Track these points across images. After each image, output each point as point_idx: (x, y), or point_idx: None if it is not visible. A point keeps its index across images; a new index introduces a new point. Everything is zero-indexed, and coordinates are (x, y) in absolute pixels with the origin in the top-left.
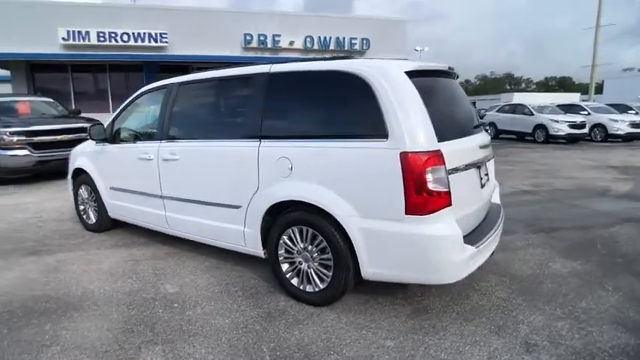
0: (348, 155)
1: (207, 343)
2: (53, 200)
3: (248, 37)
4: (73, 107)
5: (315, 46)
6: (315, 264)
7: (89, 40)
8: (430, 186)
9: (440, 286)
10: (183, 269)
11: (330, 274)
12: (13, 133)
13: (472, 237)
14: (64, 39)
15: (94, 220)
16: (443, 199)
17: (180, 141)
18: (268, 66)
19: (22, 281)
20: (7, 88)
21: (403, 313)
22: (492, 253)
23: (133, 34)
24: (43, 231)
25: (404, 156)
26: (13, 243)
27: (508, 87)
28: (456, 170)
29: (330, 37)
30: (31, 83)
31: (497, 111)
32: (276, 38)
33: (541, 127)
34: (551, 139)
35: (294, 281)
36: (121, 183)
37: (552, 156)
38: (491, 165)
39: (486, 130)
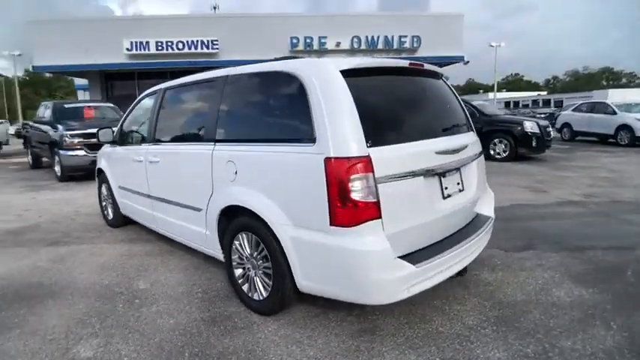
0: (281, 160)
1: (140, 342)
2: (95, 197)
3: (294, 40)
4: None
5: (363, 46)
6: (260, 272)
7: (149, 50)
8: (354, 195)
9: (396, 305)
10: (165, 267)
11: (271, 283)
12: (73, 136)
13: (419, 254)
14: (127, 49)
15: (111, 216)
16: (370, 211)
17: (161, 144)
18: (228, 69)
19: (29, 269)
20: (86, 95)
21: (347, 331)
22: (461, 273)
23: (187, 42)
24: (74, 224)
25: (328, 162)
26: (44, 233)
27: (605, 83)
28: (395, 178)
29: (378, 37)
30: (104, 91)
31: (573, 110)
32: (322, 40)
33: (625, 127)
34: (638, 142)
35: (245, 288)
36: (125, 182)
37: (631, 162)
38: (471, 172)
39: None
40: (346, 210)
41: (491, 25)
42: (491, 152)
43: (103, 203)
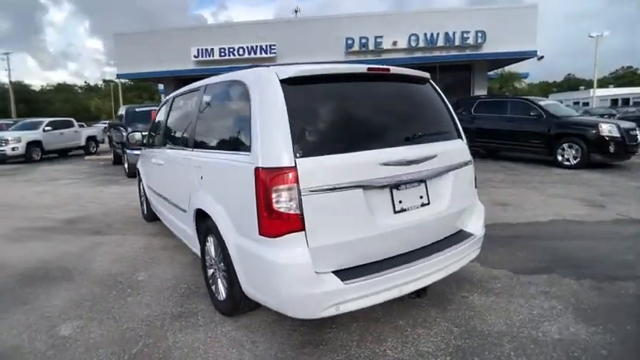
0: (228, 169)
1: (110, 327)
2: None
3: (349, 42)
4: None
5: (421, 44)
6: (221, 274)
7: (213, 56)
8: (277, 206)
9: (356, 320)
10: (169, 261)
11: (227, 286)
12: None
13: (355, 271)
14: (195, 56)
15: (145, 211)
16: (292, 223)
17: (165, 147)
18: (210, 79)
19: (64, 254)
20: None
21: (292, 341)
22: (419, 294)
23: (247, 47)
24: (119, 216)
25: (256, 172)
26: (93, 223)
27: None
28: (324, 190)
29: (438, 34)
30: None
31: None
32: (378, 40)
33: None
34: None
35: (213, 288)
36: (149, 181)
37: None
38: (442, 184)
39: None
40: (271, 221)
41: (601, 12)
42: (559, 158)
43: (142, 199)
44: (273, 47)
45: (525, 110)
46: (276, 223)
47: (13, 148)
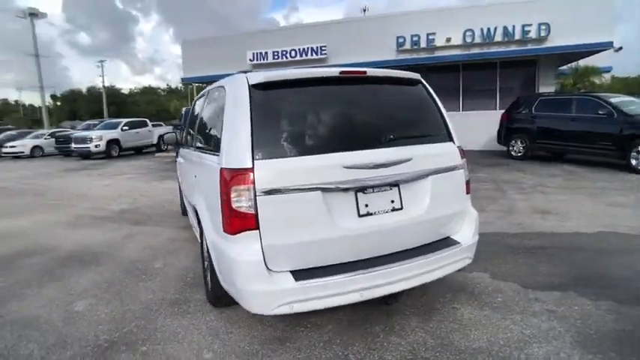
0: (206, 168)
1: (115, 307)
2: None
3: (400, 40)
4: None
5: (477, 40)
6: (209, 266)
7: (267, 59)
8: (235, 205)
9: (331, 321)
10: (186, 252)
11: (210, 278)
12: None
13: (312, 272)
14: (250, 60)
15: (180, 205)
16: (247, 221)
17: (184, 147)
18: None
19: (103, 241)
20: None
21: (263, 336)
22: (388, 301)
23: (299, 49)
24: (162, 210)
25: (220, 172)
26: (138, 215)
27: None
28: (281, 192)
29: (496, 28)
30: None
31: None
32: (430, 37)
33: None
34: None
35: (209, 279)
36: (180, 177)
37: None
38: (420, 189)
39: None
40: (231, 219)
41: None
42: (633, 162)
43: (180, 194)
44: (323, 49)
45: (593, 108)
46: (234, 221)
47: (96, 146)
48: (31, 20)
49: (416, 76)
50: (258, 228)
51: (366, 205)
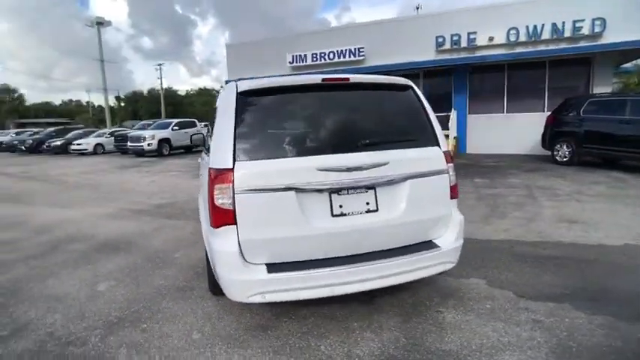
0: (203, 168)
1: (129, 290)
2: None
3: (440, 40)
4: None
5: (522, 38)
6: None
7: (306, 62)
8: (217, 202)
9: (313, 313)
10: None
11: (207, 268)
12: None
13: (285, 266)
14: (290, 62)
15: None
16: (227, 217)
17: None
18: None
19: (136, 231)
20: None
21: (251, 323)
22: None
23: (337, 51)
24: (196, 205)
25: (209, 171)
26: (173, 209)
27: None
28: (256, 191)
29: (543, 25)
30: None
31: None
32: (472, 36)
33: None
34: None
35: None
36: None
37: None
38: (396, 192)
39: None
40: (214, 214)
41: None
42: None
43: None
44: (361, 50)
45: None
46: (217, 216)
47: (149, 144)
48: (98, 28)
49: (404, 81)
50: (235, 223)
51: (340, 206)
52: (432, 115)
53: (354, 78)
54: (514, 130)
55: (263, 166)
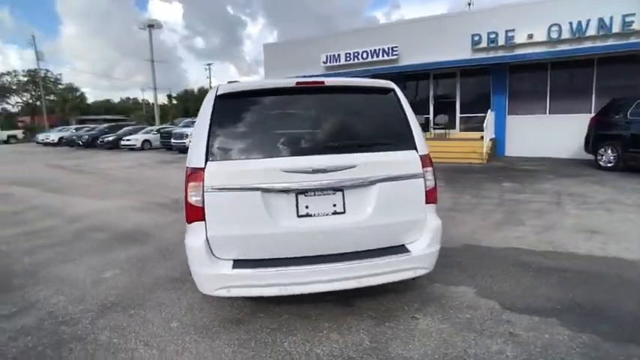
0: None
1: (131, 278)
2: None
3: (476, 38)
4: None
5: (565, 35)
6: None
7: (339, 62)
8: (190, 199)
9: (288, 311)
10: None
11: None
12: None
13: (251, 263)
14: (324, 62)
15: None
16: (197, 213)
17: None
18: None
19: (153, 223)
20: None
21: (227, 316)
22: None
23: (370, 51)
24: None
25: (186, 170)
26: None
27: None
28: (224, 190)
29: (588, 20)
30: None
31: None
32: (509, 34)
33: None
34: None
35: None
36: None
37: None
38: (365, 195)
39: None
40: (187, 210)
41: None
42: None
43: None
44: (394, 49)
45: None
46: (189, 213)
47: (190, 141)
48: (149, 31)
49: (386, 84)
50: (204, 220)
51: (307, 207)
52: (412, 119)
53: (329, 82)
54: (557, 132)
55: (231, 167)
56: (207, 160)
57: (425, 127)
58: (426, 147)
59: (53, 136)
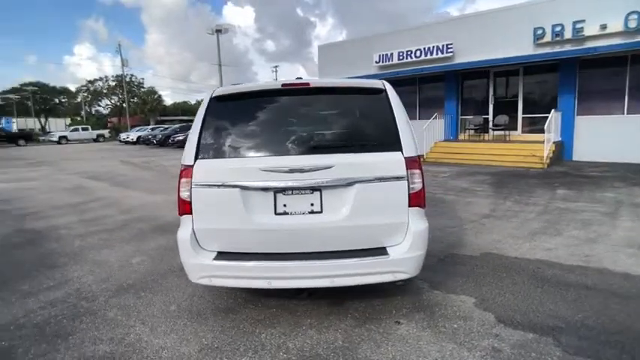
0: None
1: (153, 264)
2: None
3: (539, 32)
4: (418, 115)
5: None
6: None
7: (392, 61)
8: (181, 194)
9: (265, 305)
10: None
11: None
12: None
13: (231, 255)
14: (376, 62)
15: None
16: (186, 207)
17: None
18: None
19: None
20: None
21: (218, 305)
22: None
23: (424, 49)
24: None
25: (180, 167)
26: None
27: None
28: (207, 186)
29: None
30: None
31: None
32: (578, 25)
33: None
34: None
35: None
36: None
37: None
38: (343, 196)
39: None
40: (178, 204)
41: None
42: None
43: None
44: (449, 47)
45: None
46: (180, 207)
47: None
48: (217, 36)
49: (375, 84)
50: (191, 213)
51: (285, 205)
52: (401, 120)
53: (315, 83)
54: (637, 134)
55: (215, 165)
56: (196, 158)
57: (483, 128)
58: (416, 149)
59: (132, 135)
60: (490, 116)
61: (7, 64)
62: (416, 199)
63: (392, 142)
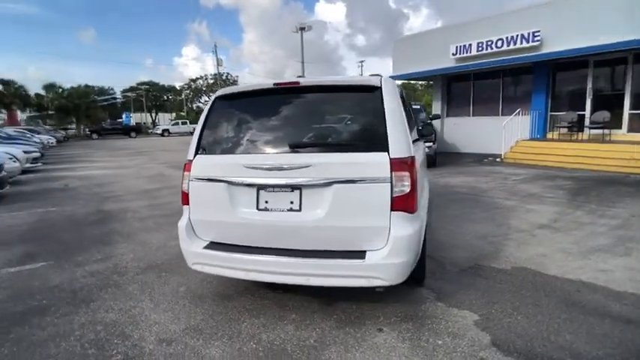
0: None
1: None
2: None
3: None
4: (471, 112)
5: None
6: None
7: (470, 52)
8: (183, 186)
9: (255, 298)
10: None
11: None
12: None
13: (220, 246)
14: (453, 54)
15: None
16: (185, 199)
17: None
18: None
19: None
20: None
21: (213, 294)
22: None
23: (506, 38)
24: None
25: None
26: None
27: None
28: (200, 180)
29: None
30: (445, 92)
31: None
32: None
33: None
34: None
35: None
36: None
37: None
38: (323, 196)
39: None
40: (182, 196)
41: None
42: None
43: None
44: (536, 34)
45: None
46: (183, 198)
47: None
48: (301, 34)
49: (368, 81)
50: (188, 204)
51: (266, 202)
52: (392, 119)
53: (305, 82)
54: None
55: (208, 160)
56: (196, 153)
57: (578, 126)
58: (406, 150)
59: None
60: (587, 112)
61: (131, 67)
62: (400, 203)
63: (378, 142)
